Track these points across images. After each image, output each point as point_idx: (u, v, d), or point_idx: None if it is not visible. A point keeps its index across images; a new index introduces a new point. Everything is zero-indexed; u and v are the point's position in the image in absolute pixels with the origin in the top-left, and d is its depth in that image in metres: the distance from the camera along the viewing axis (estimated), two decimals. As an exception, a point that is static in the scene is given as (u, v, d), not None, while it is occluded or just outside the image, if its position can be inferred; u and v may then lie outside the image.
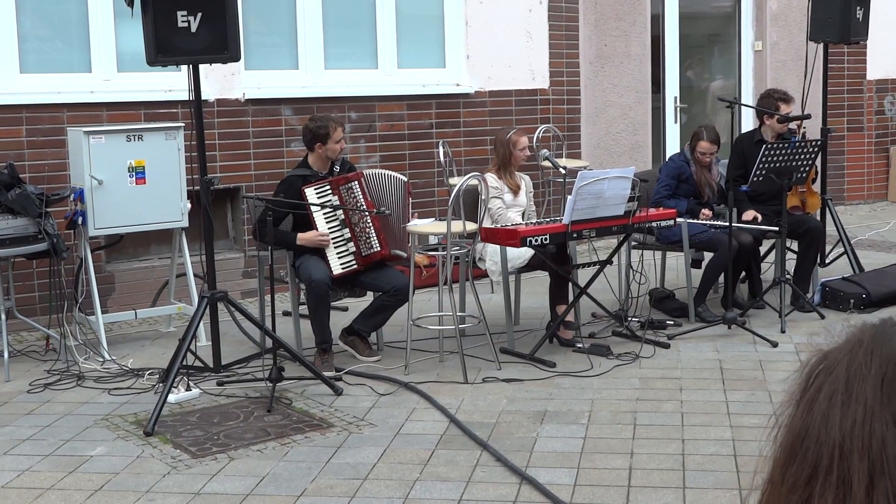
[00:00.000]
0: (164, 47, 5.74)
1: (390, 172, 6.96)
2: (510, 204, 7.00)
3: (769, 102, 7.76)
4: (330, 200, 6.52)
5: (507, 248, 6.62)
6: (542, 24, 9.71)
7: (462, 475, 4.79)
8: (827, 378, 1.08)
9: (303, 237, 6.48)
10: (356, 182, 6.58)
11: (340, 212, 6.52)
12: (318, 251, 6.50)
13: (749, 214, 7.51)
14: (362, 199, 6.57)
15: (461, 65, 9.36)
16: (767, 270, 8.07)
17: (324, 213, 6.52)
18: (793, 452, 1.07)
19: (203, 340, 6.81)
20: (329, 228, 6.53)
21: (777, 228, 7.35)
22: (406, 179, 6.89)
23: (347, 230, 6.55)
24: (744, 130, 9.16)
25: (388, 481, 4.75)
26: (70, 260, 6.94)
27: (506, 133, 7.13)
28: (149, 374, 6.34)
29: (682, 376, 6.23)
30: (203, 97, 6.25)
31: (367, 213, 6.52)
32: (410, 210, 6.82)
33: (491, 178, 6.93)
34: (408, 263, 6.67)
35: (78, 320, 6.87)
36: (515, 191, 7.05)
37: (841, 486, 1.03)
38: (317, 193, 6.51)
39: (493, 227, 6.68)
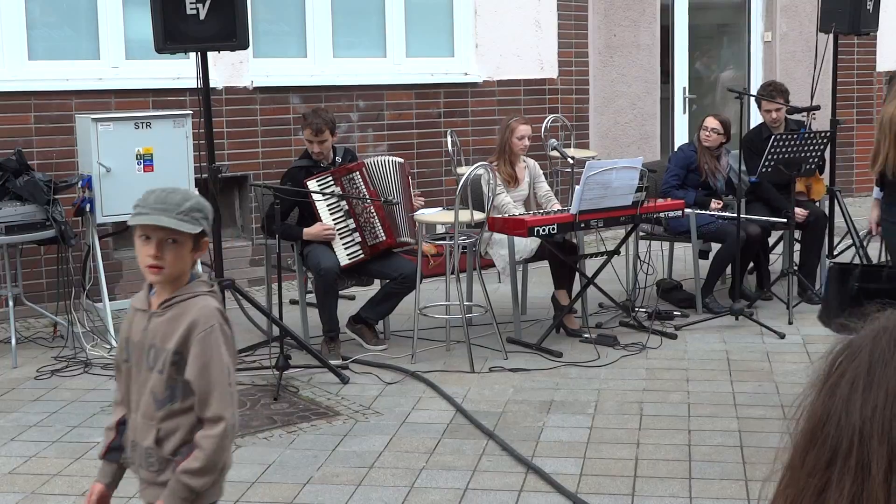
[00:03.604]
0: (172, 35, 5.75)
1: (386, 157, 6.93)
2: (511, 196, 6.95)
3: (760, 96, 7.79)
4: (333, 191, 6.51)
5: (515, 238, 6.62)
6: (551, 13, 9.68)
7: (468, 464, 4.80)
8: (850, 364, 1.08)
9: (309, 231, 6.48)
10: (357, 172, 6.57)
11: (344, 202, 6.51)
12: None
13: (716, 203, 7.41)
14: (364, 190, 6.56)
15: (470, 54, 9.33)
16: (775, 262, 8.06)
17: (328, 205, 6.52)
18: (813, 437, 1.08)
19: (210, 328, 6.80)
20: (334, 220, 6.53)
21: (786, 220, 7.34)
22: (402, 161, 6.85)
23: (352, 220, 6.54)
24: (753, 121, 9.13)
25: (394, 469, 4.76)
26: (78, 247, 6.95)
27: (510, 118, 7.11)
28: (156, 362, 6.34)
29: (689, 367, 6.22)
30: (211, 85, 6.24)
31: (370, 203, 6.51)
32: (413, 192, 6.79)
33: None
34: (415, 252, 6.67)
35: (85, 307, 6.88)
36: (510, 181, 6.98)
37: (860, 470, 1.04)
38: (319, 185, 6.50)
39: (500, 216, 6.67)
